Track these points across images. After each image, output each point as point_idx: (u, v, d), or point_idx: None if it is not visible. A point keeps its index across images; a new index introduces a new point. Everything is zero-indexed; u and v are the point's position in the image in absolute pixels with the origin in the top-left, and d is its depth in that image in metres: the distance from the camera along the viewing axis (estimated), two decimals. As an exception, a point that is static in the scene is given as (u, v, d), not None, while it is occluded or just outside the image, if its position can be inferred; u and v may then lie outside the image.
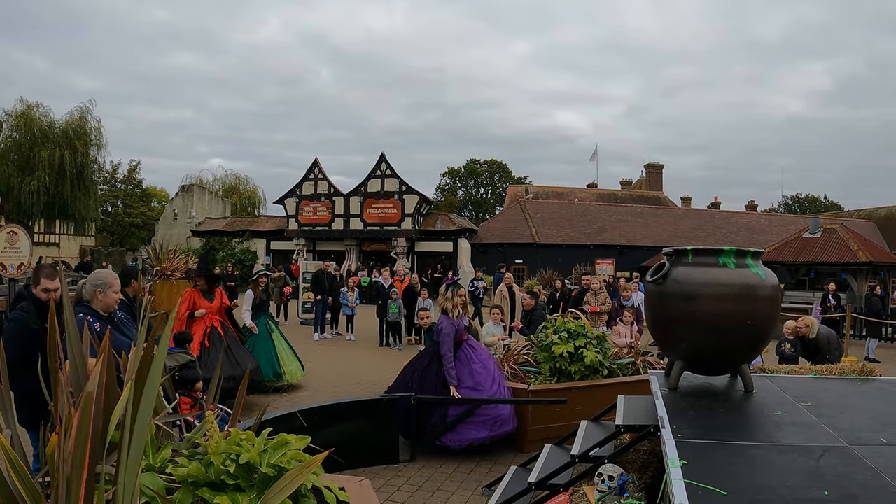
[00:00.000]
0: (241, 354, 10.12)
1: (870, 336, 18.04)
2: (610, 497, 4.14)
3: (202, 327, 9.95)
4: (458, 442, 7.71)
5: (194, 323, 9.96)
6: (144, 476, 2.58)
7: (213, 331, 9.99)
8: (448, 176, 76.93)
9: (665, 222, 42.20)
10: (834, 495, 3.12)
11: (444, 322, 8.16)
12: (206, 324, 10.01)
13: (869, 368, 6.32)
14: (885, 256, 28.24)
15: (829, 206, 71.44)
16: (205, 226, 43.91)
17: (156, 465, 2.74)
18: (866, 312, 18.67)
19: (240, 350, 10.21)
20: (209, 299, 10.18)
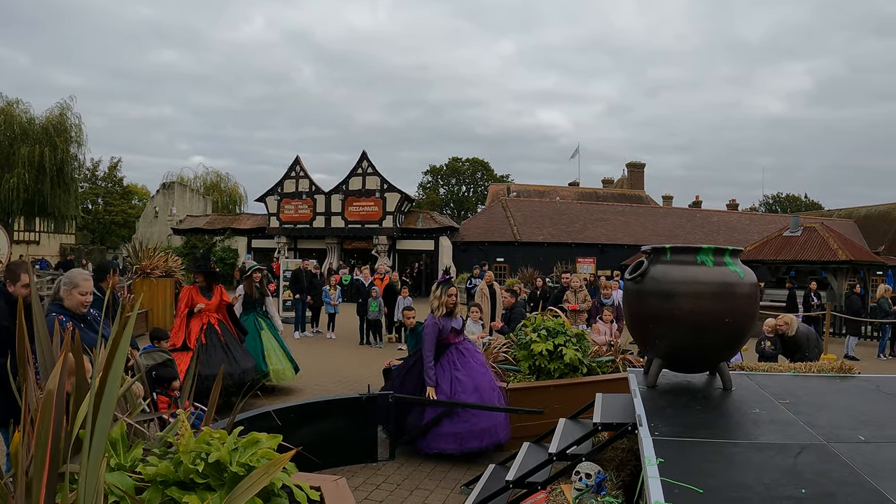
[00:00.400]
0: (239, 353, 9.92)
1: (849, 334, 18.16)
2: (587, 495, 4.13)
3: (199, 324, 9.76)
4: (430, 448, 7.54)
5: (192, 320, 9.78)
6: (114, 475, 2.53)
7: (209, 328, 9.80)
8: (430, 174, 76.89)
9: (646, 221, 42.36)
10: (811, 493, 3.11)
11: (429, 320, 7.88)
12: (202, 321, 9.82)
13: (847, 366, 6.35)
14: (864, 255, 28.44)
15: (809, 205, 71.96)
16: (186, 224, 43.66)
17: (126, 465, 2.69)
18: (846, 311, 18.78)
19: (237, 348, 9.99)
20: (207, 296, 9.99)
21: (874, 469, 3.46)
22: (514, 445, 7.12)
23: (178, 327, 9.78)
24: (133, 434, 3.13)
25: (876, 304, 18.22)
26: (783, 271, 28.39)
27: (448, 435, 7.41)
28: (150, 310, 18.18)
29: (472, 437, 7.42)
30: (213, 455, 2.50)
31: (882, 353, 17.90)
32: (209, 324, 9.83)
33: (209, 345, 9.57)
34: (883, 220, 44.16)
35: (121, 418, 2.89)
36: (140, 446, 2.81)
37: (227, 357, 9.52)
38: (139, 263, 19.36)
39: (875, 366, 15.40)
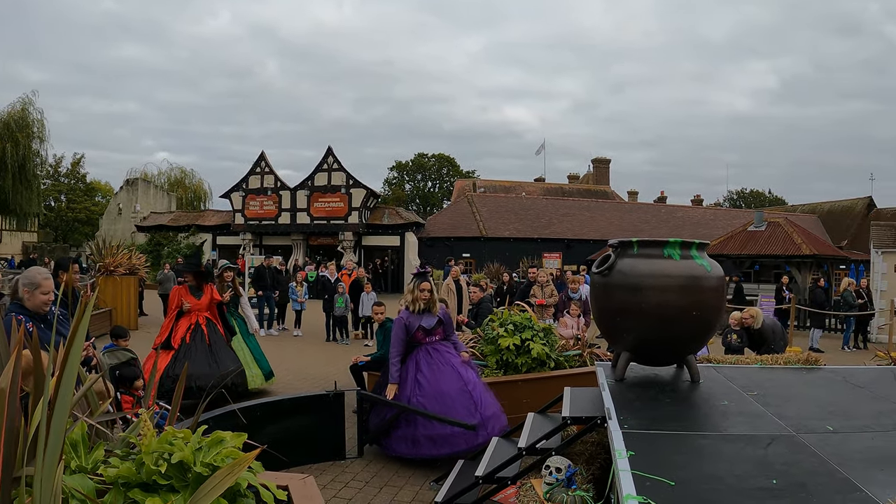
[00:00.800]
0: (223, 355, 9.69)
1: (814, 327, 18.39)
2: (558, 489, 4.11)
3: (186, 324, 9.60)
4: (389, 450, 7.27)
5: (181, 319, 9.63)
6: (74, 478, 2.45)
7: (196, 328, 9.61)
8: (396, 170, 76.66)
9: (612, 216, 42.61)
10: (782, 483, 3.11)
11: (398, 316, 7.59)
12: (191, 321, 9.65)
13: (814, 358, 6.40)
14: (827, 249, 28.90)
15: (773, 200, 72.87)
16: (149, 220, 43.16)
17: (87, 467, 2.61)
18: (810, 304, 19.01)
19: (223, 350, 9.78)
20: (197, 296, 9.82)
21: (843, 459, 3.48)
22: (483, 440, 7.10)
23: (165, 327, 9.68)
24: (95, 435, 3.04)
25: (840, 298, 18.45)
26: (748, 265, 28.73)
27: (401, 438, 7.13)
28: (114, 308, 17.93)
29: (426, 443, 6.97)
30: (175, 455, 2.43)
31: (846, 345, 18.16)
32: (197, 324, 9.65)
33: (192, 345, 9.41)
34: (845, 216, 44.89)
35: (81, 419, 2.80)
36: (101, 447, 2.72)
37: (209, 359, 9.35)
38: (102, 261, 19.09)
39: (839, 357, 15.58)
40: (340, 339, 17.09)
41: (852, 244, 39.46)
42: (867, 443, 3.81)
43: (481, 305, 12.38)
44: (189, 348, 9.32)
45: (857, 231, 41.79)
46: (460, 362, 7.45)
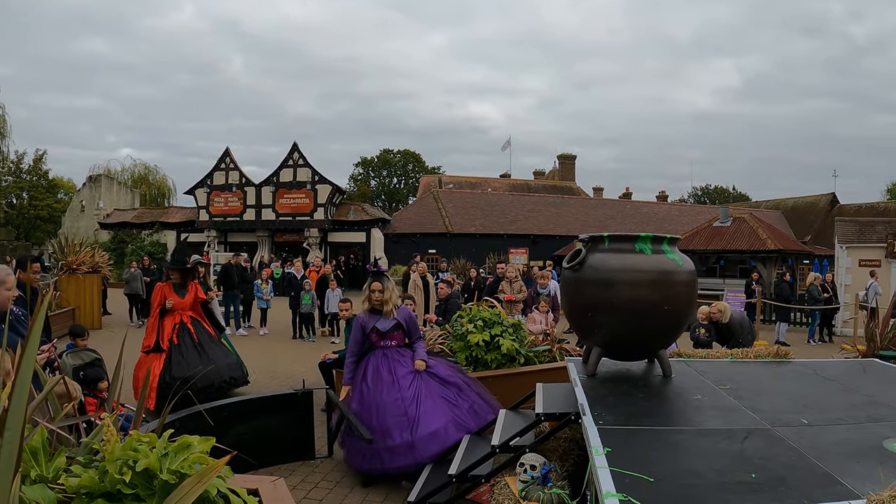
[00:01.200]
0: (216, 351, 9.37)
1: (780, 321, 18.59)
2: (534, 487, 4.05)
3: (171, 323, 9.21)
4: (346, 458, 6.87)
5: (165, 319, 9.23)
6: (34, 488, 2.32)
7: (182, 327, 9.22)
8: (361, 166, 76.35)
9: (577, 212, 42.75)
10: (761, 477, 3.09)
11: (357, 315, 7.26)
12: (175, 320, 9.26)
13: (784, 352, 6.43)
14: (792, 244, 29.24)
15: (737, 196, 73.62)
16: (113, 217, 42.52)
17: (48, 476, 2.47)
18: (776, 298, 19.20)
19: (213, 347, 9.42)
20: (181, 294, 9.41)
21: (820, 452, 3.46)
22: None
23: (150, 327, 9.27)
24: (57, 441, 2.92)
25: (806, 292, 18.65)
26: (713, 261, 29.00)
27: (347, 445, 6.77)
28: (77, 307, 17.61)
29: (367, 454, 6.45)
30: (140, 463, 2.31)
31: (812, 338, 18.40)
32: (182, 323, 9.28)
33: (182, 345, 9.07)
34: (809, 212, 45.55)
35: (42, 424, 2.68)
36: (63, 455, 2.59)
37: (201, 357, 9.01)
38: (65, 259, 18.75)
39: (805, 351, 15.73)
40: (307, 336, 16.94)
41: (816, 239, 40.05)
42: (842, 435, 3.81)
43: (450, 301, 12.31)
44: (179, 349, 9.00)
45: (821, 227, 42.43)
46: (408, 372, 6.77)
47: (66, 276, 18.12)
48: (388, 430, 6.38)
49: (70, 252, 19.09)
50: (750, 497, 2.86)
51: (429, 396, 6.63)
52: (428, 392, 6.67)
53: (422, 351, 7.04)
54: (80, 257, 18.81)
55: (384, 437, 6.37)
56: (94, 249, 20.50)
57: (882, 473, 3.01)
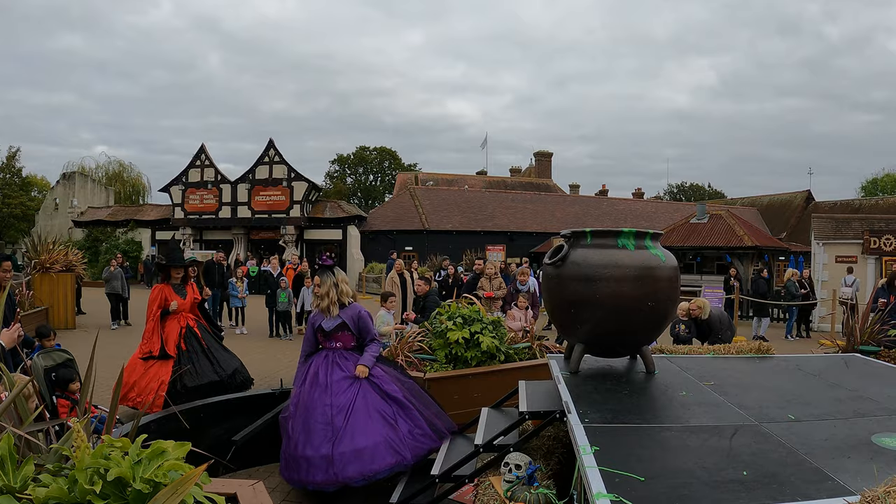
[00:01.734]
0: (222, 355, 8.86)
1: (760, 316, 18.72)
2: (519, 487, 3.97)
3: (176, 328, 8.55)
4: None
5: (168, 322, 8.58)
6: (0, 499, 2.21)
7: (189, 331, 8.63)
8: (337, 163, 76.07)
9: (554, 209, 42.82)
10: (753, 475, 3.03)
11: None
12: (181, 324, 8.62)
13: (765, 347, 6.40)
14: (768, 241, 29.49)
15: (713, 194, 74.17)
16: (87, 216, 42.09)
17: (16, 485, 2.34)
18: (753, 294, 19.30)
19: (219, 350, 8.92)
20: (181, 294, 8.78)
21: (810, 448, 3.42)
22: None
23: (150, 331, 8.52)
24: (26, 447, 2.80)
25: (783, 288, 18.75)
26: (690, 257, 29.14)
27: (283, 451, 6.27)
28: (50, 306, 17.33)
29: (290, 462, 6.05)
30: (112, 471, 2.19)
31: (789, 334, 18.51)
32: (188, 327, 8.67)
33: (191, 351, 8.49)
34: (785, 209, 45.98)
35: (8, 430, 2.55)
36: (31, 462, 2.46)
37: (213, 365, 8.52)
38: (38, 258, 18.47)
39: (783, 346, 15.81)
40: (284, 334, 16.79)
41: (791, 236, 40.41)
42: (830, 430, 3.76)
43: (429, 298, 12.21)
44: (189, 356, 8.41)
45: (797, 223, 42.87)
46: (344, 377, 6.18)
47: (40, 275, 17.85)
48: (310, 439, 5.88)
49: (43, 251, 18.81)
50: (744, 495, 2.80)
51: (363, 410, 5.97)
52: (364, 404, 6.01)
53: (369, 356, 6.35)
54: (53, 256, 18.55)
55: (304, 447, 5.89)
56: (68, 248, 20.21)
57: (876, 469, 2.96)
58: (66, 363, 7.07)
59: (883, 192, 56.15)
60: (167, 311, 8.61)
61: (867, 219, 22.54)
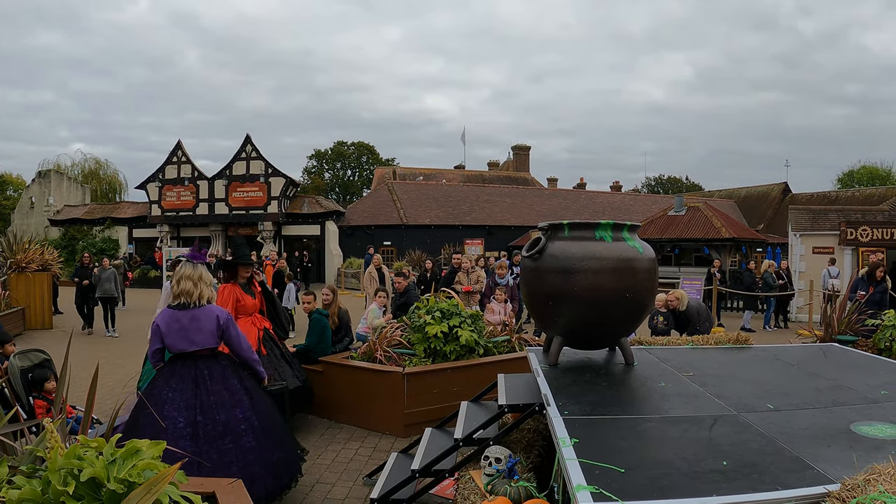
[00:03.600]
0: (295, 360, 8.18)
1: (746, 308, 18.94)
2: (499, 480, 3.96)
3: (254, 331, 7.65)
4: None
5: (241, 326, 7.20)
6: (-28, 501, 2.17)
7: (266, 334, 7.84)
8: (315, 158, 75.72)
9: (532, 202, 42.85)
10: (733, 464, 3.04)
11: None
12: (256, 326, 7.78)
13: (744, 338, 6.43)
14: (746, 233, 29.66)
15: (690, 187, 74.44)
16: (63, 214, 41.70)
17: None
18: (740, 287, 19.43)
19: (289, 353, 8.17)
20: (250, 295, 7.89)
21: (789, 437, 3.43)
22: (415, 431, 6.94)
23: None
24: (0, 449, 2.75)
25: (761, 279, 18.88)
26: (668, 249, 29.29)
27: None
28: (26, 307, 17.12)
29: None
30: (86, 472, 2.14)
31: (767, 324, 18.66)
32: (265, 329, 7.88)
33: (271, 356, 7.68)
34: (762, 201, 46.28)
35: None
36: (5, 464, 2.41)
37: (292, 368, 7.86)
38: (14, 257, 18.25)
39: (762, 337, 15.93)
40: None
41: (768, 228, 40.69)
42: (810, 420, 3.78)
43: (408, 293, 12.17)
44: (269, 360, 7.51)
45: (773, 215, 43.16)
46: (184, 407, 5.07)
47: (16, 275, 17.64)
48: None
49: (19, 250, 18.59)
50: (724, 485, 2.80)
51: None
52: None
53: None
54: (29, 255, 18.33)
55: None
56: (44, 247, 19.99)
57: (855, 457, 2.98)
58: (42, 363, 6.99)
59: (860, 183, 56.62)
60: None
61: (844, 210, 22.72)
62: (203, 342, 5.22)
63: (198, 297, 5.28)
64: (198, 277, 5.33)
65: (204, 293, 5.33)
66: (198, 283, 5.31)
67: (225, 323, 5.31)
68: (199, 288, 5.31)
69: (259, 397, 5.43)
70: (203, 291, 5.33)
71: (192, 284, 5.29)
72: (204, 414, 5.00)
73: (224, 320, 5.31)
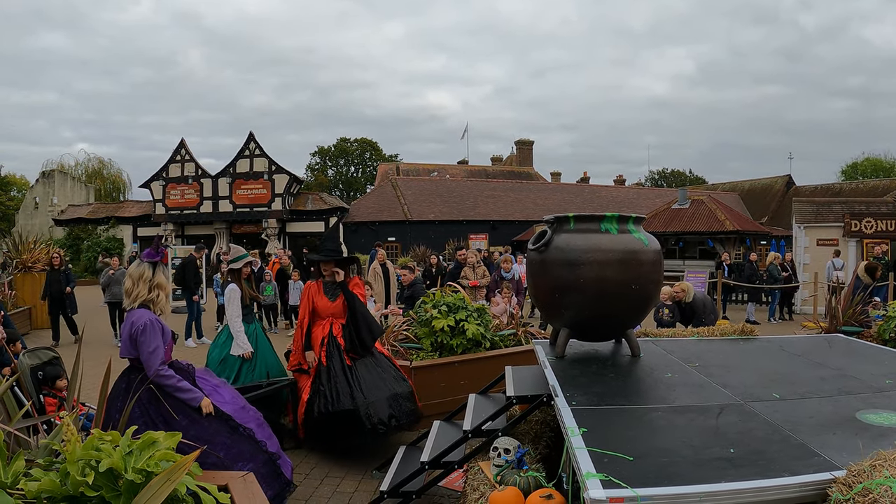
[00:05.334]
0: (368, 380, 6.93)
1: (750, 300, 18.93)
2: (509, 471, 3.99)
3: (319, 337, 7.12)
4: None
5: (314, 329, 7.20)
6: (-9, 495, 2.20)
7: (331, 342, 7.05)
8: (318, 155, 75.73)
9: (536, 197, 42.82)
10: (740, 452, 3.07)
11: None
12: (323, 332, 7.12)
13: (749, 329, 6.45)
14: (750, 225, 29.63)
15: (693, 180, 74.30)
16: (67, 214, 41.77)
17: (7, 481, 2.31)
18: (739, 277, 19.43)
19: (373, 372, 7.02)
20: (331, 297, 7.21)
21: (795, 425, 3.46)
22: (423, 424, 6.97)
23: (297, 339, 7.30)
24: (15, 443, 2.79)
25: (765, 271, 18.88)
26: (672, 242, 29.27)
27: None
28: (32, 307, 17.16)
29: None
30: (104, 462, 2.18)
31: (772, 316, 18.66)
32: (331, 336, 7.08)
33: (331, 369, 6.91)
34: (765, 193, 46.16)
35: (-3, 425, 2.54)
36: (22, 458, 2.43)
37: (351, 388, 6.76)
38: (20, 257, 18.29)
39: (767, 329, 15.94)
40: (269, 327, 16.59)
41: (772, 220, 40.60)
42: (815, 408, 3.81)
43: (415, 287, 12.21)
44: (327, 374, 6.88)
45: (777, 208, 43.06)
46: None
47: (21, 275, 17.68)
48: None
49: (24, 250, 18.64)
50: (731, 472, 2.83)
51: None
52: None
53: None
54: (35, 255, 18.37)
55: None
56: (50, 246, 20.03)
57: (861, 444, 3.00)
58: (52, 361, 7.03)
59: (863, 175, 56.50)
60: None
61: (848, 202, 22.68)
62: (123, 350, 4.80)
63: (134, 296, 4.81)
64: (138, 276, 4.85)
65: (140, 294, 4.81)
66: (137, 282, 4.83)
67: (137, 330, 4.65)
68: (137, 288, 4.82)
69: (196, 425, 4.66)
70: (140, 292, 4.81)
71: (132, 283, 4.85)
72: None
73: (138, 326, 4.65)
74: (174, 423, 4.53)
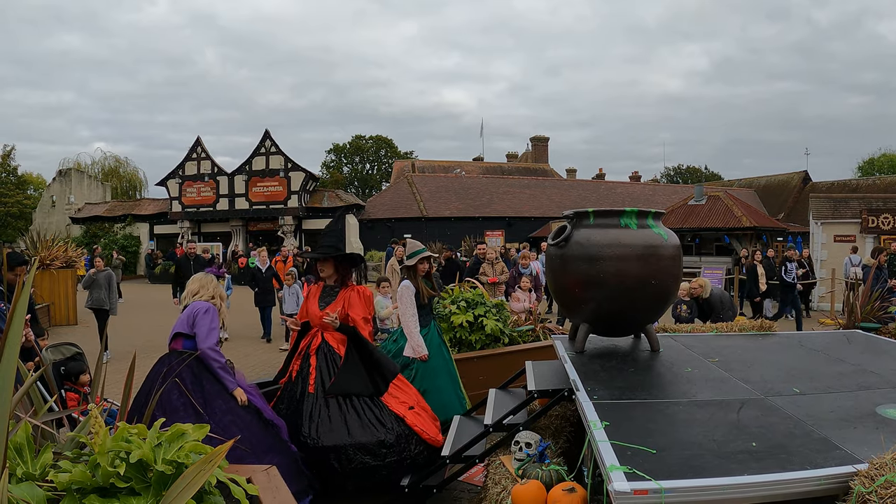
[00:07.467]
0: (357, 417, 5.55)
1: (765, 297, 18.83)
2: (531, 465, 4.00)
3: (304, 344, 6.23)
4: None
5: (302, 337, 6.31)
6: (21, 487, 2.20)
7: (306, 356, 6.03)
8: (334, 153, 75.82)
9: (552, 193, 42.74)
10: (762, 446, 3.07)
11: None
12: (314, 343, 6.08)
13: (767, 325, 6.43)
14: (766, 221, 29.45)
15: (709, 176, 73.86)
16: (84, 212, 42.04)
17: (35, 473, 2.34)
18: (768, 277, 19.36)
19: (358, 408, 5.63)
20: (326, 300, 6.09)
21: (816, 419, 3.45)
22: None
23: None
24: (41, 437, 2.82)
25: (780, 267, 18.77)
26: (689, 238, 29.17)
27: None
28: (51, 303, 17.32)
29: None
30: (134, 454, 2.20)
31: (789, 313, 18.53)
32: (306, 353, 6.04)
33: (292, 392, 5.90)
34: (782, 189, 45.85)
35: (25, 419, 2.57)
36: (49, 450, 2.46)
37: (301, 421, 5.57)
38: (38, 255, 18.44)
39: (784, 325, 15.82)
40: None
41: (789, 216, 40.34)
42: (835, 403, 3.80)
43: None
44: (289, 396, 5.92)
45: (794, 204, 42.76)
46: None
47: (40, 272, 17.82)
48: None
49: (42, 248, 18.80)
50: (753, 465, 2.84)
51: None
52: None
53: None
54: (52, 252, 18.53)
55: None
56: (67, 244, 20.19)
57: (882, 437, 3.00)
58: (75, 357, 7.09)
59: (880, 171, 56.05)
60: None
61: (865, 198, 22.56)
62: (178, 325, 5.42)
63: (198, 296, 5.52)
64: (207, 282, 5.64)
65: (203, 297, 5.51)
66: (206, 286, 5.60)
67: (199, 310, 5.36)
68: (205, 290, 5.57)
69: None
70: (204, 295, 5.52)
71: (199, 286, 5.60)
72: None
73: (200, 308, 5.38)
74: (214, 404, 5.02)
